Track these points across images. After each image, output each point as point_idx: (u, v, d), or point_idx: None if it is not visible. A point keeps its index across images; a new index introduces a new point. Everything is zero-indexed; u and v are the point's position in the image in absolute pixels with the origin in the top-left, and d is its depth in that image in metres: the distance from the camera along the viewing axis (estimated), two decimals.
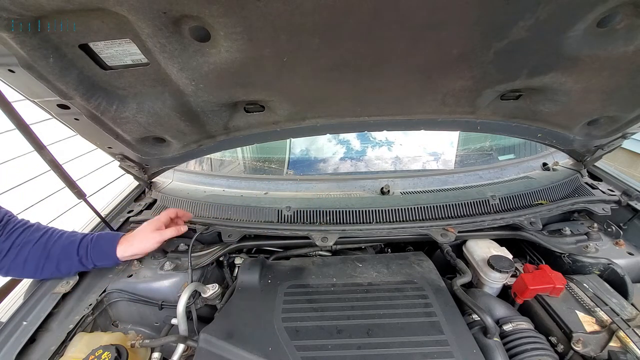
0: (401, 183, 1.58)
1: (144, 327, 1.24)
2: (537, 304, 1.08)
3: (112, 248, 1.09)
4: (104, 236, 1.11)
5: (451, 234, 1.23)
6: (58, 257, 1.03)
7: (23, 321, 1.01)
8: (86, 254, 1.06)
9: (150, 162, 1.36)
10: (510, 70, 0.95)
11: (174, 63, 0.82)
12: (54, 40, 0.74)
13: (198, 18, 0.68)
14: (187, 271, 1.18)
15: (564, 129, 1.32)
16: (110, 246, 1.09)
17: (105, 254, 1.09)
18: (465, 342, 0.89)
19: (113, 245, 1.10)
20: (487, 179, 1.58)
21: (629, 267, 1.19)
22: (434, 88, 1.04)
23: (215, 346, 0.90)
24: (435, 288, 1.08)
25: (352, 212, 1.35)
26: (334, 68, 0.90)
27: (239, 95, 1.02)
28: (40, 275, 1.04)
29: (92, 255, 1.07)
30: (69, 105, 0.92)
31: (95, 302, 1.12)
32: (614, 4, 0.71)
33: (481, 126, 1.28)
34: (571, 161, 1.65)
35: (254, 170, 1.96)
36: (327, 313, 1.00)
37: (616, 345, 0.90)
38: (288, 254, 1.37)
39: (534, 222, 1.29)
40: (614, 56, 0.86)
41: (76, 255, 1.05)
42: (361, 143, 1.95)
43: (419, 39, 0.80)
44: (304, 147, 1.97)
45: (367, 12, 0.70)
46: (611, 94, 1.04)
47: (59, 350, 0.97)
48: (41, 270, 1.03)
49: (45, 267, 1.03)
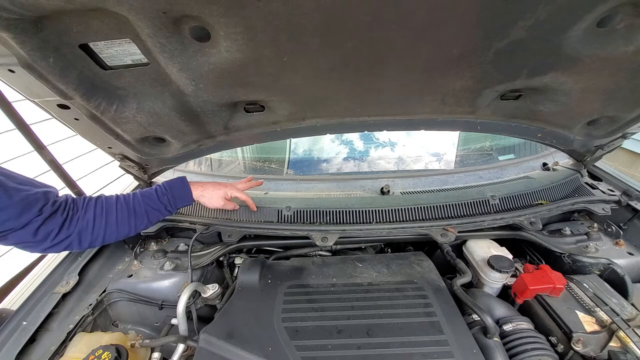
0: (401, 183, 1.58)
1: (144, 327, 1.24)
2: (537, 304, 1.08)
3: (188, 190, 1.18)
4: (174, 183, 1.17)
5: (451, 234, 1.23)
6: (145, 211, 1.09)
7: (23, 321, 1.01)
8: (169, 201, 1.13)
9: (150, 162, 1.36)
10: (510, 70, 0.95)
11: (174, 63, 0.82)
12: (54, 40, 0.73)
13: (198, 18, 0.68)
14: (187, 271, 1.18)
15: (564, 129, 1.32)
16: (185, 189, 1.18)
17: (185, 196, 1.17)
18: (465, 342, 0.89)
19: (187, 187, 1.18)
20: (487, 179, 1.58)
21: (629, 267, 1.19)
22: (434, 88, 1.04)
23: (215, 346, 0.90)
24: (435, 288, 1.08)
25: (352, 212, 1.35)
26: (334, 68, 0.90)
27: (239, 95, 1.02)
28: (135, 231, 1.09)
29: (174, 201, 1.14)
30: (69, 105, 0.92)
31: (95, 302, 1.13)
32: (614, 4, 0.71)
33: (481, 126, 1.28)
34: (571, 161, 1.65)
35: (254, 170, 1.96)
36: (327, 313, 1.00)
37: (616, 345, 0.90)
38: (288, 254, 1.37)
39: (534, 222, 1.29)
40: (614, 56, 0.86)
41: (161, 204, 1.12)
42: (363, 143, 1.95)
43: (419, 39, 0.80)
44: (304, 147, 1.97)
45: (367, 12, 0.70)
46: (611, 94, 1.04)
47: (59, 350, 0.97)
48: (135, 227, 1.08)
49: (137, 224, 1.08)
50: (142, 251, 1.37)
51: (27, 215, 0.86)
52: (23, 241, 0.90)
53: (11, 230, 0.85)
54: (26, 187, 0.89)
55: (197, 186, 1.20)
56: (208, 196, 1.21)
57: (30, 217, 0.87)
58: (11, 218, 0.83)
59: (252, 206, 1.33)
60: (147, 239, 1.44)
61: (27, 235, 0.88)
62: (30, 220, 0.87)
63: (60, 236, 0.94)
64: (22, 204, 0.85)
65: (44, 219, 0.90)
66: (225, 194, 1.24)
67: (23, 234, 0.87)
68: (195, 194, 1.19)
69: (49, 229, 0.91)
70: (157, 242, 1.45)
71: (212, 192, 1.22)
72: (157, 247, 1.41)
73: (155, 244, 1.43)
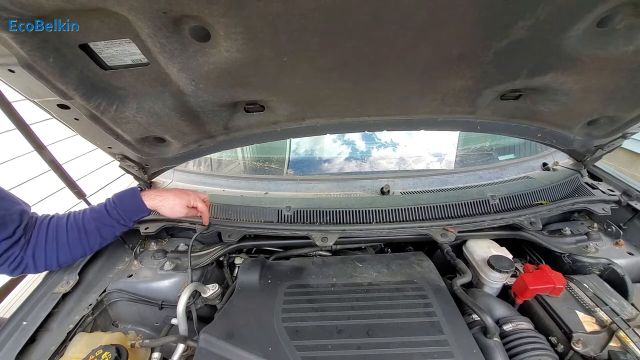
0: (401, 183, 1.58)
1: (144, 327, 1.24)
2: (537, 304, 1.08)
3: (139, 202, 1.11)
4: (123, 196, 1.11)
5: (451, 234, 1.23)
6: (96, 228, 1.05)
7: (23, 321, 1.01)
8: (119, 215, 1.08)
9: (150, 162, 1.36)
10: (510, 70, 0.95)
11: (174, 63, 0.82)
12: (54, 40, 0.73)
13: (198, 18, 0.68)
14: (187, 271, 1.18)
15: (564, 129, 1.32)
16: (136, 201, 1.11)
17: (137, 208, 1.11)
18: (465, 342, 0.89)
19: (138, 199, 1.11)
20: (487, 179, 1.58)
21: (629, 267, 1.19)
22: (434, 88, 1.04)
23: (215, 346, 0.90)
24: (435, 288, 1.08)
25: (352, 212, 1.35)
26: (334, 68, 0.90)
27: (239, 95, 1.02)
28: (90, 250, 1.07)
29: (125, 214, 1.09)
30: (69, 105, 0.92)
31: (95, 302, 1.12)
32: (614, 4, 0.71)
33: (481, 126, 1.28)
34: (571, 161, 1.65)
35: (254, 170, 1.96)
36: (327, 313, 1.00)
37: (616, 345, 0.90)
38: (288, 254, 1.37)
39: (534, 222, 1.29)
40: (614, 56, 0.86)
41: (112, 219, 1.07)
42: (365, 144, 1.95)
43: (419, 39, 0.80)
44: (304, 147, 1.97)
45: (367, 12, 0.70)
46: (611, 94, 1.04)
47: (59, 350, 0.97)
48: (89, 246, 1.05)
49: (91, 242, 1.05)
50: (142, 251, 1.37)
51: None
52: None
53: None
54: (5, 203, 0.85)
55: (154, 195, 1.14)
56: (169, 206, 1.14)
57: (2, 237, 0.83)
58: None
59: (205, 220, 1.26)
60: (147, 239, 1.44)
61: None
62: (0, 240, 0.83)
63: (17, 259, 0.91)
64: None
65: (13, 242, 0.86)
66: (188, 202, 1.17)
67: None
68: (151, 203, 1.12)
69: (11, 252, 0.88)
70: (157, 242, 1.45)
71: (173, 201, 1.14)
72: (157, 247, 1.41)
73: (155, 244, 1.43)
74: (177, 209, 1.15)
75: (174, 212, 1.15)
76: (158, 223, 1.37)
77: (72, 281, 1.15)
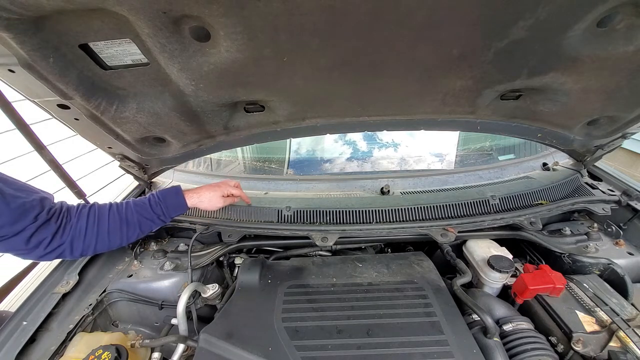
0: (401, 183, 1.58)
1: (144, 327, 1.24)
2: (537, 304, 1.08)
3: (182, 199, 1.17)
4: (168, 192, 1.16)
5: (451, 234, 1.23)
6: (138, 221, 1.08)
7: (23, 321, 1.01)
8: (162, 211, 1.12)
9: (150, 162, 1.36)
10: (510, 70, 0.95)
11: (174, 63, 0.82)
12: (54, 40, 0.73)
13: (198, 18, 0.68)
14: (187, 271, 1.18)
15: (564, 129, 1.32)
16: (179, 198, 1.17)
17: (179, 205, 1.16)
18: (465, 342, 0.89)
19: (181, 196, 1.17)
20: (487, 179, 1.58)
21: (629, 267, 1.19)
22: (434, 88, 1.04)
23: (215, 346, 0.90)
24: (435, 288, 1.08)
25: (352, 212, 1.35)
26: (334, 68, 0.90)
27: (239, 95, 1.02)
28: (127, 241, 1.09)
29: (167, 210, 1.14)
30: (69, 105, 0.92)
31: (95, 302, 1.12)
32: (614, 4, 0.71)
33: (481, 126, 1.28)
34: (571, 161, 1.65)
35: (254, 170, 1.96)
36: (327, 313, 1.00)
37: (616, 345, 0.90)
38: (288, 254, 1.37)
39: (534, 222, 1.29)
40: (614, 56, 0.86)
41: (154, 214, 1.11)
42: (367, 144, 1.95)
43: (419, 39, 0.80)
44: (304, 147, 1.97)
45: (367, 12, 0.70)
46: (611, 94, 1.04)
47: (59, 350, 0.97)
48: (127, 237, 1.08)
49: (130, 233, 1.08)
50: (142, 251, 1.37)
51: (21, 223, 0.85)
52: (15, 248, 0.88)
53: (4, 237, 0.84)
54: (23, 193, 0.87)
55: (191, 194, 1.20)
56: (207, 200, 1.21)
57: (25, 224, 0.86)
58: (6, 225, 0.82)
59: (247, 199, 1.36)
60: (147, 239, 1.44)
61: (19, 242, 0.87)
62: (24, 227, 0.86)
63: (53, 244, 0.93)
64: (18, 211, 0.84)
65: (37, 227, 0.88)
66: (222, 192, 1.25)
67: (16, 241, 0.86)
68: (191, 202, 1.18)
69: (42, 237, 0.90)
70: (157, 242, 1.45)
71: (210, 195, 1.22)
72: (157, 247, 1.40)
73: (155, 244, 1.43)
74: (215, 201, 1.23)
75: (212, 205, 1.23)
76: None
77: (72, 281, 1.15)
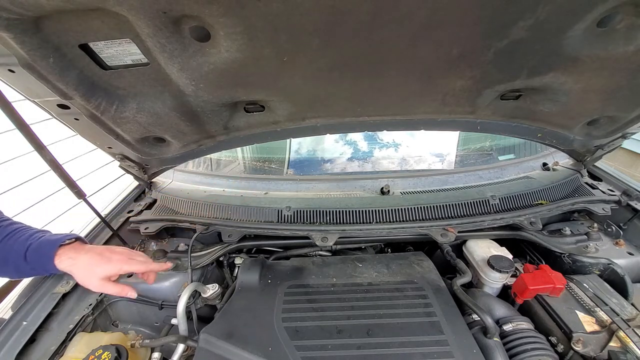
0: (401, 183, 1.58)
1: (144, 327, 1.24)
2: (537, 304, 1.08)
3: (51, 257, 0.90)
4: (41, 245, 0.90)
5: (451, 234, 1.23)
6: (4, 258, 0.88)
7: (23, 321, 1.01)
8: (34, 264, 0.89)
9: (150, 162, 1.36)
10: (510, 70, 0.95)
11: (174, 63, 0.82)
12: (54, 40, 0.73)
13: (198, 18, 0.68)
14: (187, 271, 1.18)
15: (564, 129, 1.32)
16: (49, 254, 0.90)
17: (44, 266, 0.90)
18: (465, 342, 0.89)
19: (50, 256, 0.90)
20: (487, 179, 1.58)
21: (629, 267, 1.19)
22: (434, 88, 1.04)
23: (215, 346, 0.90)
24: (435, 288, 1.08)
25: (352, 212, 1.35)
26: (334, 68, 0.90)
27: (239, 95, 1.02)
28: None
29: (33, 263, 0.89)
30: (69, 105, 0.92)
31: (95, 302, 1.12)
32: (614, 4, 0.71)
33: (481, 126, 1.28)
34: (571, 161, 1.65)
35: (254, 170, 1.96)
36: (327, 313, 1.00)
37: (616, 345, 0.90)
38: (288, 254, 1.37)
39: (534, 222, 1.29)
40: (614, 56, 0.86)
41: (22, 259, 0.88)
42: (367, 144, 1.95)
43: (419, 39, 0.80)
44: (304, 147, 1.97)
45: (367, 12, 0.70)
46: (611, 94, 1.04)
47: (59, 350, 0.97)
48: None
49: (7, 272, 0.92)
50: (142, 251, 1.37)
51: None
52: None
53: None
54: None
55: (67, 255, 0.90)
56: (80, 274, 0.90)
57: None
58: None
59: (152, 279, 1.04)
60: (147, 239, 1.44)
61: None
62: None
63: None
64: None
65: None
66: (106, 272, 0.90)
67: None
68: (62, 265, 0.89)
69: None
70: (157, 242, 1.45)
71: (85, 267, 0.89)
72: (157, 247, 1.40)
73: (155, 244, 1.43)
74: (88, 280, 0.89)
75: (84, 282, 0.90)
76: (158, 223, 1.37)
77: (72, 281, 1.15)
